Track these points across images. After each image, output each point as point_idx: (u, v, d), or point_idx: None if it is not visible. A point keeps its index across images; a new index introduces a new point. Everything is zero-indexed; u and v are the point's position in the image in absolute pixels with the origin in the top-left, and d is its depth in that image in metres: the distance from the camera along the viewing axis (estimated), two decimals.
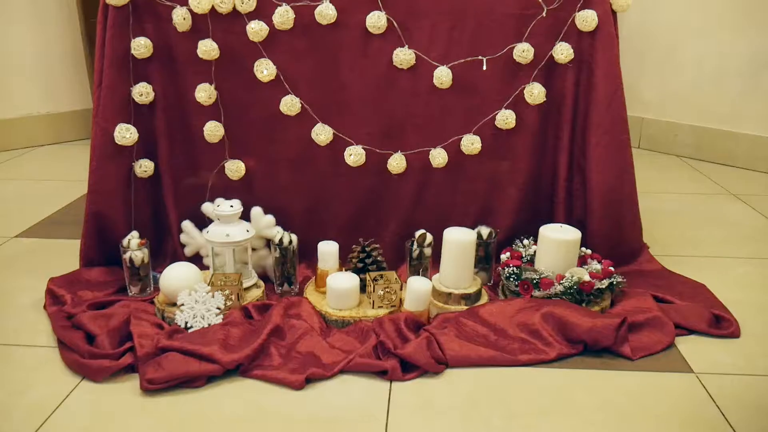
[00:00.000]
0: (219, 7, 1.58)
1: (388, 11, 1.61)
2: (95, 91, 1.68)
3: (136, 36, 1.62)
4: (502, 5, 1.64)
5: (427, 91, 1.68)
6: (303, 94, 1.68)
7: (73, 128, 3.32)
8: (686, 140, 3.07)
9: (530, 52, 1.64)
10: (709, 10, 2.89)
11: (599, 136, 1.69)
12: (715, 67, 2.93)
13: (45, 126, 3.25)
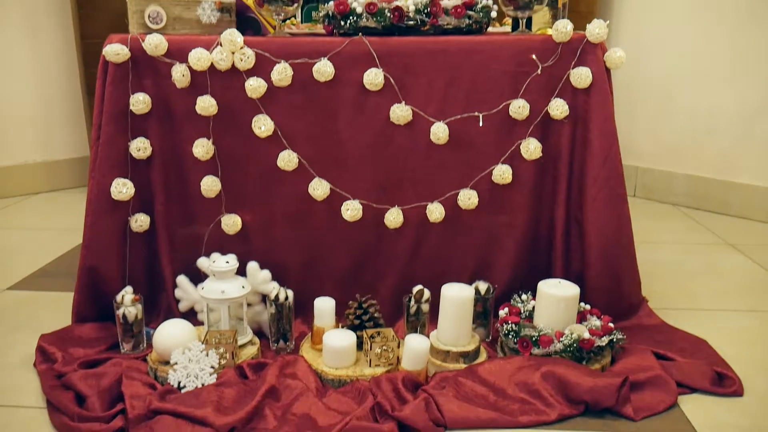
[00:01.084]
0: (218, 64, 1.59)
1: (385, 68, 1.63)
2: (93, 145, 1.68)
3: (135, 92, 1.63)
4: (497, 62, 1.66)
5: (424, 147, 1.69)
6: (300, 149, 1.68)
7: (69, 176, 3.32)
8: (681, 189, 3.09)
9: (526, 109, 1.66)
10: (701, 62, 2.94)
11: (596, 190, 1.69)
12: (707, 117, 2.97)
13: (41, 174, 3.25)
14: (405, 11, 1.64)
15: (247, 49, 1.59)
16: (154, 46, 1.57)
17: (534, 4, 1.68)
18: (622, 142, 1.74)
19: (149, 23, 1.61)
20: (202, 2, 1.66)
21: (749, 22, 2.77)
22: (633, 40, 3.11)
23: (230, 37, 1.57)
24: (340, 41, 1.62)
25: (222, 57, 1.58)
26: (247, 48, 1.59)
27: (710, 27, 2.89)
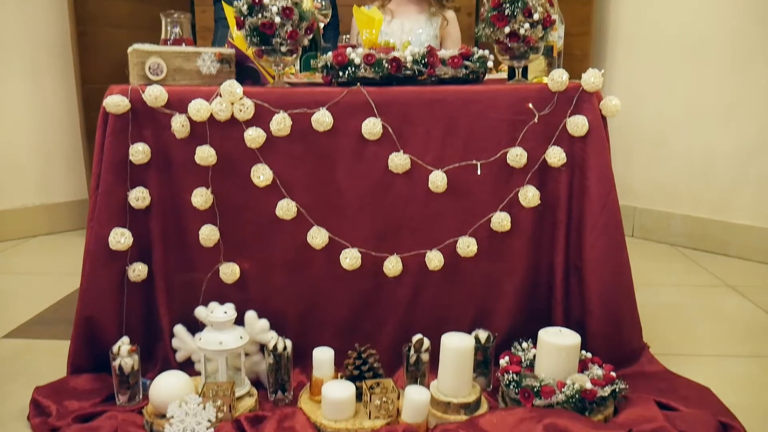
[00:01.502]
0: (217, 114, 1.60)
1: (383, 118, 1.64)
2: (92, 194, 1.68)
3: (135, 142, 1.63)
4: (494, 111, 1.67)
5: (422, 195, 1.69)
6: (299, 198, 1.69)
7: (68, 219, 3.32)
8: (679, 229, 3.09)
9: (523, 157, 1.67)
10: (694, 104, 2.98)
11: (595, 237, 1.69)
12: (703, 158, 2.99)
13: (39, 217, 3.25)
14: (402, 62, 1.66)
15: (246, 100, 1.61)
16: (154, 98, 1.58)
17: (530, 54, 1.70)
18: (619, 182, 1.75)
19: (150, 75, 1.63)
20: (202, 54, 1.68)
21: (743, 66, 2.81)
22: (626, 83, 3.16)
23: (230, 88, 1.59)
24: (338, 91, 1.64)
25: (221, 108, 1.59)
26: (246, 99, 1.61)
27: (702, 71, 2.93)
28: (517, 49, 1.67)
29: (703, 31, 2.90)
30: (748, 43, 2.79)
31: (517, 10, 1.62)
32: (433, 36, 2.55)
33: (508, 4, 1.63)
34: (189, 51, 1.66)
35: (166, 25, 1.88)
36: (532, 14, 1.62)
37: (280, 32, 1.60)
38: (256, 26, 1.59)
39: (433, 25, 2.56)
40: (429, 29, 2.55)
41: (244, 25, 1.61)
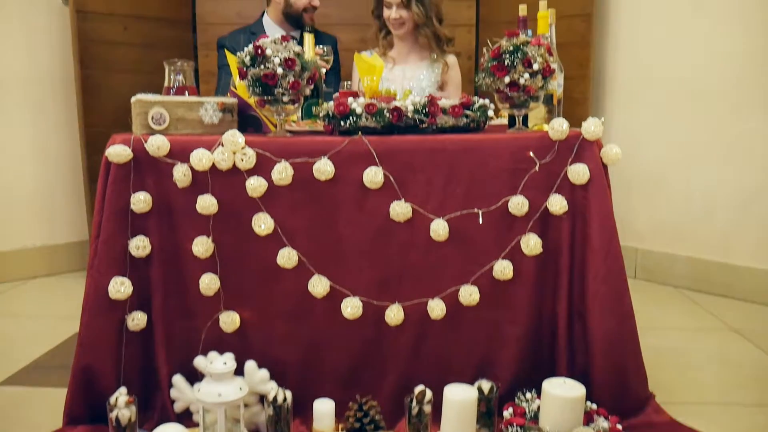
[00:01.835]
0: (219, 164, 1.61)
1: (384, 166, 1.65)
2: (92, 242, 1.68)
3: (137, 190, 1.64)
4: (495, 160, 1.68)
5: (423, 243, 1.69)
6: (300, 246, 1.68)
7: (68, 260, 3.32)
8: (682, 271, 3.08)
9: (525, 205, 1.66)
10: (694, 145, 2.99)
11: (597, 286, 1.68)
12: (704, 200, 2.99)
13: (40, 258, 3.24)
14: (404, 111, 1.67)
15: (248, 149, 1.61)
16: (156, 148, 1.59)
17: (530, 103, 1.72)
18: (621, 223, 1.74)
19: (152, 124, 1.64)
20: (205, 103, 1.69)
21: (742, 108, 2.84)
22: (626, 125, 3.18)
23: (232, 137, 1.59)
24: (340, 140, 1.65)
25: (223, 157, 1.60)
26: (248, 148, 1.62)
27: (701, 114, 2.95)
28: (518, 98, 1.69)
29: (701, 74, 2.93)
30: (747, 86, 2.82)
31: (516, 61, 1.64)
32: (434, 81, 2.58)
33: (508, 54, 1.65)
34: (191, 101, 1.67)
35: (169, 73, 1.90)
36: (531, 64, 1.63)
37: (282, 83, 1.61)
38: (258, 77, 1.60)
39: (434, 71, 2.59)
40: (431, 75, 2.58)
41: (246, 75, 1.62)
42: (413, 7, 2.50)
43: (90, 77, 2.94)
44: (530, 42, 1.65)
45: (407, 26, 2.56)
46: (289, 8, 2.70)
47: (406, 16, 2.53)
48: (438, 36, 2.56)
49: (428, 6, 2.51)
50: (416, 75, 2.58)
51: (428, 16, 2.52)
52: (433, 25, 2.53)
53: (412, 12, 2.51)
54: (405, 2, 2.51)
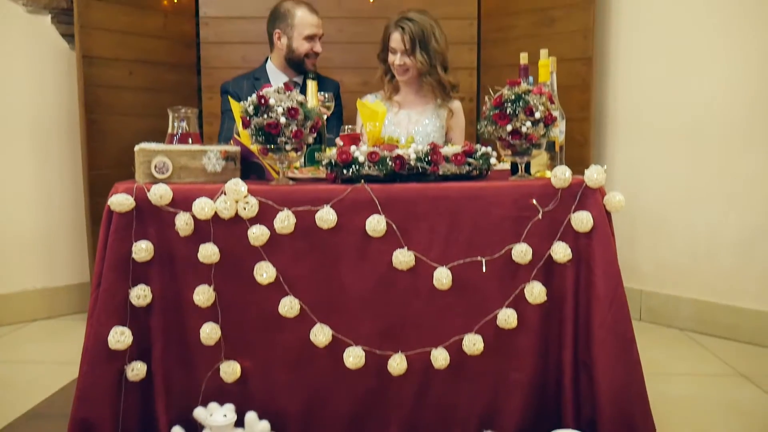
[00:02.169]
0: (222, 213, 1.61)
1: (387, 215, 1.64)
2: (92, 291, 1.67)
3: (138, 239, 1.63)
4: (498, 207, 1.67)
5: (426, 292, 1.67)
6: (302, 295, 1.67)
7: (69, 302, 3.30)
8: (687, 313, 3.05)
9: (528, 253, 1.65)
10: (696, 186, 2.99)
11: (603, 334, 1.66)
12: (707, 241, 2.98)
13: (40, 301, 3.22)
14: (406, 159, 1.68)
15: (250, 198, 1.61)
16: (159, 197, 1.59)
17: (532, 150, 1.72)
18: (624, 265, 1.73)
19: (155, 173, 1.64)
20: (208, 152, 1.69)
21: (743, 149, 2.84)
22: (627, 165, 3.18)
23: (235, 186, 1.60)
24: (342, 189, 1.65)
25: (226, 206, 1.60)
26: (250, 197, 1.61)
27: (702, 155, 2.96)
28: (520, 146, 1.69)
29: (701, 114, 2.95)
30: (749, 126, 2.83)
31: (518, 109, 1.65)
32: (439, 126, 2.59)
33: (510, 103, 1.66)
34: (195, 149, 1.68)
35: (173, 120, 1.91)
36: (533, 113, 1.64)
37: (285, 131, 1.62)
38: (261, 126, 1.61)
39: (439, 117, 2.60)
40: (435, 120, 2.59)
41: (249, 124, 1.63)
42: (417, 55, 2.52)
43: (95, 121, 2.96)
44: (532, 91, 1.67)
45: (411, 73, 2.58)
46: (292, 54, 2.73)
47: (410, 63, 2.55)
48: (442, 83, 2.57)
49: (432, 55, 2.52)
50: (421, 120, 2.59)
51: (432, 65, 2.53)
52: (437, 73, 2.54)
53: (416, 59, 2.52)
54: (409, 50, 2.53)
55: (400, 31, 2.52)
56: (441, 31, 2.54)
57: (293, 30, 2.70)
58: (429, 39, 2.50)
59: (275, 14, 2.76)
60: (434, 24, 2.53)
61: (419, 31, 2.50)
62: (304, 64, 2.76)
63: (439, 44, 2.51)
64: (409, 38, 2.50)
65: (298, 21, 2.70)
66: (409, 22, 2.52)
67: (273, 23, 2.76)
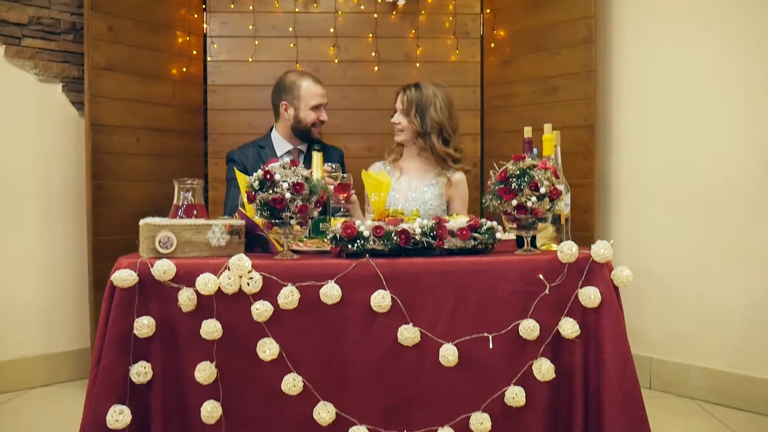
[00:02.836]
0: (225, 288, 1.59)
1: (392, 290, 1.63)
2: (92, 368, 1.64)
3: (140, 315, 1.61)
4: (504, 282, 1.66)
5: (432, 368, 1.64)
6: (305, 372, 1.64)
7: (68, 369, 3.24)
8: (698, 382, 2.98)
9: (536, 329, 1.63)
10: (703, 252, 2.96)
11: (614, 414, 1.61)
12: (716, 308, 2.93)
13: (39, 367, 3.17)
14: (411, 233, 1.67)
15: (254, 273, 1.60)
16: (162, 272, 1.58)
17: (538, 224, 1.71)
18: (633, 332, 1.69)
19: (159, 248, 1.64)
20: (213, 226, 1.69)
21: (749, 216, 2.83)
22: (632, 231, 3.17)
23: (239, 262, 1.59)
24: (347, 263, 1.64)
25: (229, 281, 1.59)
26: (254, 272, 1.60)
27: (708, 221, 2.95)
28: (525, 220, 1.69)
29: (707, 183, 2.95)
30: (757, 193, 2.82)
31: (523, 184, 1.65)
32: (437, 195, 2.59)
33: (515, 178, 1.66)
34: (199, 224, 1.68)
35: (178, 191, 1.92)
36: (538, 188, 1.64)
37: (290, 206, 1.62)
38: (266, 201, 1.61)
39: (438, 185, 2.61)
40: (434, 189, 2.60)
41: (254, 199, 1.63)
42: (411, 117, 2.56)
43: (101, 188, 2.98)
44: (537, 166, 1.67)
45: (405, 135, 2.61)
46: (299, 124, 2.77)
47: (405, 123, 2.59)
48: (437, 153, 2.59)
49: (427, 121, 2.55)
50: (420, 187, 2.60)
51: (425, 131, 2.56)
52: (431, 141, 2.57)
53: (410, 121, 2.57)
54: (405, 110, 2.58)
55: (402, 92, 2.61)
56: (446, 105, 2.58)
57: (300, 101, 2.75)
58: (427, 106, 2.55)
59: (281, 86, 2.81)
60: (440, 96, 2.57)
61: (419, 96, 2.56)
62: (310, 133, 2.79)
63: (438, 114, 2.55)
64: (407, 100, 2.57)
65: (304, 92, 2.75)
66: (414, 87, 2.59)
67: (279, 95, 2.80)
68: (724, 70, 2.89)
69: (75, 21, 3.17)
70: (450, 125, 2.58)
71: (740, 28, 2.83)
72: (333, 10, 3.37)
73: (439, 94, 2.57)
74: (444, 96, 2.58)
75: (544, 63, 3.20)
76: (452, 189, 2.62)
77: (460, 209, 2.62)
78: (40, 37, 3.10)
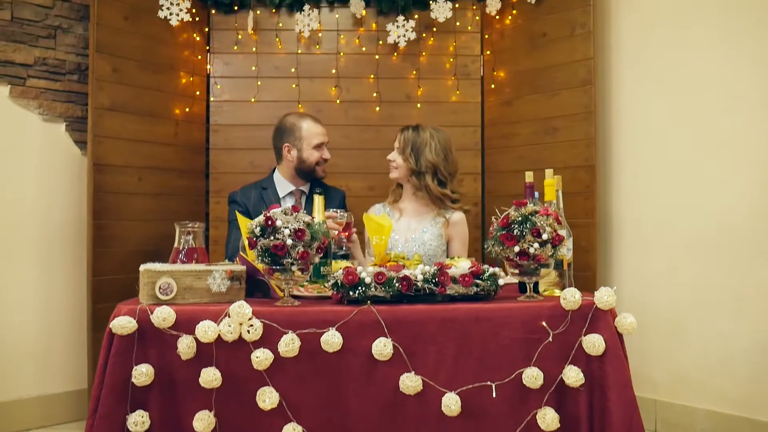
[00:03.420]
0: (225, 336, 1.58)
1: (393, 337, 1.61)
2: (89, 416, 1.61)
3: (139, 363, 1.59)
4: (507, 330, 1.64)
5: (434, 417, 1.62)
6: (306, 420, 1.61)
7: (65, 410, 3.19)
8: (705, 425, 2.93)
9: (540, 377, 1.61)
10: (706, 293, 2.94)
11: None
12: (720, 350, 2.90)
13: (34, 409, 3.12)
14: (413, 280, 1.66)
15: (255, 321, 1.59)
16: (162, 319, 1.57)
17: (540, 270, 1.70)
18: (637, 373, 1.67)
19: (160, 295, 1.62)
20: (213, 272, 1.68)
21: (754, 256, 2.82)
22: (634, 271, 3.15)
23: (239, 309, 1.57)
24: (348, 310, 1.62)
25: (229, 329, 1.57)
26: (255, 319, 1.59)
27: (710, 262, 2.93)
28: (528, 266, 1.68)
29: (708, 223, 2.94)
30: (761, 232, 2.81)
31: (525, 231, 1.65)
32: (437, 235, 2.58)
33: (517, 224, 1.66)
34: (200, 270, 1.67)
35: (179, 235, 1.92)
36: (541, 234, 1.64)
37: (291, 253, 1.61)
38: (267, 247, 1.61)
39: (437, 225, 2.60)
40: (434, 229, 2.59)
41: (256, 245, 1.63)
42: (406, 155, 2.59)
43: (101, 227, 2.97)
44: (539, 212, 1.67)
45: (400, 172, 2.63)
46: (303, 164, 2.78)
47: (400, 161, 2.61)
48: (432, 193, 2.59)
49: (422, 161, 2.56)
50: (419, 228, 2.59)
51: (420, 171, 2.57)
52: (425, 180, 2.58)
53: (405, 159, 2.59)
54: (401, 148, 2.61)
55: (401, 132, 2.64)
56: (441, 148, 2.59)
57: (302, 141, 2.76)
58: (422, 146, 2.58)
59: (281, 129, 2.83)
60: (436, 138, 2.60)
61: (416, 136, 2.60)
62: (315, 173, 2.81)
63: (433, 156, 2.56)
64: (404, 139, 2.61)
65: (305, 132, 2.77)
66: (411, 128, 2.63)
67: (280, 138, 2.82)
68: (724, 111, 2.91)
69: (80, 62, 3.20)
70: (446, 168, 2.59)
71: (742, 71, 2.85)
72: (335, 51, 3.40)
73: (437, 137, 2.59)
74: (441, 139, 2.60)
75: (544, 104, 3.22)
76: (451, 229, 2.61)
77: (459, 249, 2.60)
78: (45, 77, 3.13)
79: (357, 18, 3.38)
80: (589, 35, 3.07)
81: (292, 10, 3.37)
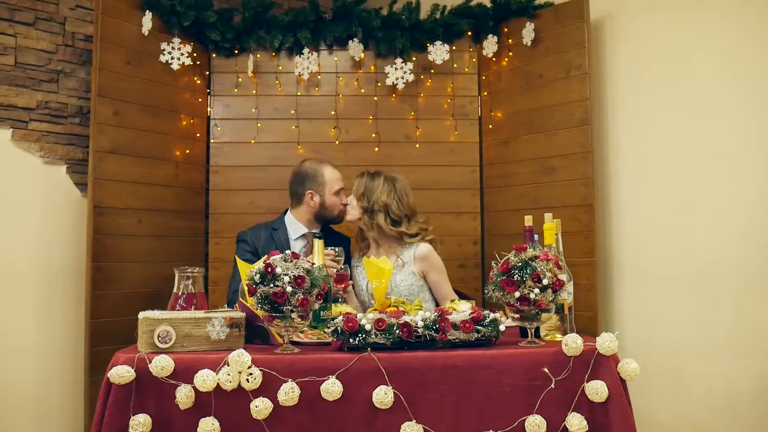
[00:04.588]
0: (224, 384, 1.56)
1: (394, 385, 1.60)
2: None
3: (137, 413, 1.57)
4: (509, 376, 1.63)
5: None
6: None
7: None
8: None
9: (543, 426, 1.59)
10: (709, 334, 2.92)
11: None
12: (725, 392, 2.86)
13: None
14: (413, 327, 1.65)
15: (254, 369, 1.57)
16: (160, 368, 1.56)
17: (541, 315, 1.70)
18: (642, 417, 1.64)
19: (158, 343, 1.61)
20: (212, 319, 1.68)
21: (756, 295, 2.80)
22: (636, 311, 3.13)
23: (238, 358, 1.56)
24: (348, 358, 1.61)
25: (228, 378, 1.56)
26: (254, 368, 1.57)
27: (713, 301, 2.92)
28: (529, 311, 1.67)
29: (710, 263, 2.93)
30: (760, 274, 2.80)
31: (526, 276, 1.64)
32: (409, 273, 2.54)
33: (517, 270, 1.66)
34: (199, 317, 1.66)
35: (179, 280, 1.91)
36: (541, 279, 1.63)
37: (291, 300, 1.61)
38: (267, 295, 1.60)
39: (406, 264, 2.58)
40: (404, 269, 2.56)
41: (256, 292, 1.62)
42: (358, 195, 2.69)
43: (100, 269, 2.96)
44: (539, 257, 1.67)
45: (353, 214, 2.71)
46: (324, 210, 2.81)
47: (354, 203, 2.70)
48: (385, 234, 2.62)
49: (373, 200, 2.64)
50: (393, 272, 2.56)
51: (371, 209, 2.64)
52: (377, 220, 2.62)
53: (359, 199, 2.68)
54: (356, 190, 2.71)
55: (359, 177, 2.77)
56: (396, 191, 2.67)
57: (324, 188, 2.80)
58: (375, 188, 2.67)
59: (303, 175, 2.84)
60: (391, 182, 2.69)
61: (370, 181, 2.70)
62: (337, 218, 2.84)
63: (385, 197, 2.64)
64: (360, 183, 2.72)
65: (327, 179, 2.81)
66: (368, 174, 2.76)
67: (302, 184, 2.83)
68: (722, 148, 2.93)
69: (82, 105, 3.23)
70: (399, 209, 2.63)
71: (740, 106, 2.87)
72: (334, 93, 3.44)
73: (391, 181, 2.69)
74: (397, 183, 2.69)
75: (542, 144, 3.25)
76: (422, 263, 2.59)
77: (439, 279, 2.57)
78: (47, 120, 3.15)
79: (356, 60, 3.42)
80: (585, 77, 3.11)
81: (292, 54, 3.41)
